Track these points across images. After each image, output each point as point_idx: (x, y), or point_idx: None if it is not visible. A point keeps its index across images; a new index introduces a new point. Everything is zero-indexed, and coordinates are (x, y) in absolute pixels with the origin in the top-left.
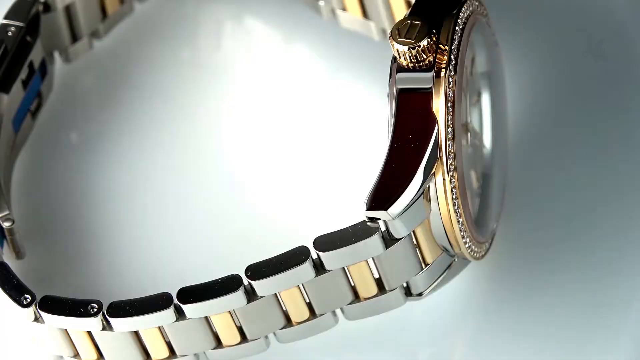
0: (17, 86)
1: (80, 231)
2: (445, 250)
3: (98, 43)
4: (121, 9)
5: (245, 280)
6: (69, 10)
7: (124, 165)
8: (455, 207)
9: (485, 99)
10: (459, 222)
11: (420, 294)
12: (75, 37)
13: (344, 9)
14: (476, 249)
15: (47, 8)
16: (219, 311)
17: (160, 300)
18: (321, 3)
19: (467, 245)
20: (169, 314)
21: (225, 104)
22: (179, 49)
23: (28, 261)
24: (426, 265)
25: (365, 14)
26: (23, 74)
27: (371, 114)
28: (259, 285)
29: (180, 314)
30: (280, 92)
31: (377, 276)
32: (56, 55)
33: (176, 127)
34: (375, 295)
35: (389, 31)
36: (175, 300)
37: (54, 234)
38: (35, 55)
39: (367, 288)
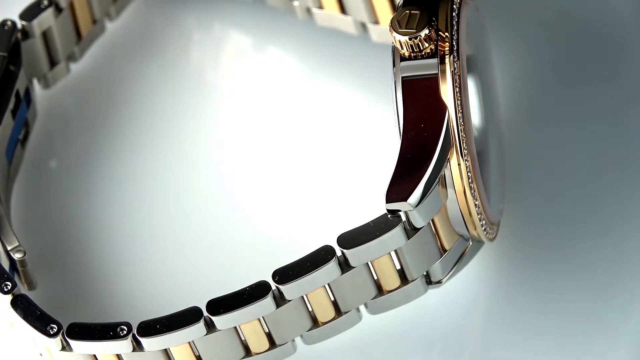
0: (7, 117)
1: (86, 256)
2: (460, 235)
3: (74, 66)
4: (94, 29)
5: (273, 285)
6: (45, 36)
7: (119, 185)
8: (472, 191)
9: (474, 79)
10: (475, 205)
11: (439, 282)
12: (53, 62)
13: (320, 6)
14: (490, 230)
15: (26, 35)
16: (249, 319)
17: (189, 315)
18: (295, 3)
19: (483, 228)
20: (199, 327)
21: (208, 114)
22: (151, 64)
23: (40, 291)
24: (445, 251)
25: (343, 9)
26: (11, 104)
27: (357, 112)
28: (288, 289)
29: (210, 327)
30: (263, 97)
31: (398, 267)
32: (34, 81)
33: (164, 140)
34: (398, 287)
35: (368, 24)
36: (205, 313)
37: (59, 261)
38: (20, 84)
39: (390, 280)
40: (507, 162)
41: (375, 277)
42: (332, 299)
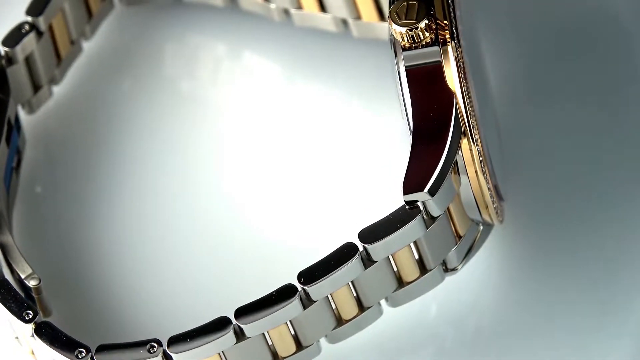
0: (2, 145)
1: (94, 277)
2: (472, 220)
3: (55, 88)
4: (72, 50)
5: (299, 287)
6: (28, 61)
7: (118, 201)
8: (485, 175)
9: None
10: (488, 188)
11: (454, 269)
12: (36, 87)
13: (299, 7)
14: (500, 212)
15: (10, 61)
16: (278, 324)
17: (218, 325)
18: (272, 5)
19: (495, 210)
20: (229, 336)
21: (196, 125)
22: (130, 80)
23: (54, 317)
24: (459, 238)
25: (322, 8)
26: (5, 132)
27: (346, 111)
28: (314, 290)
29: (239, 335)
30: (249, 104)
31: (416, 257)
32: (18, 107)
33: (158, 152)
34: (418, 278)
35: (350, 21)
36: (234, 321)
37: (69, 285)
38: (11, 111)
39: (410, 272)
40: (504, 141)
41: (395, 270)
42: (355, 295)
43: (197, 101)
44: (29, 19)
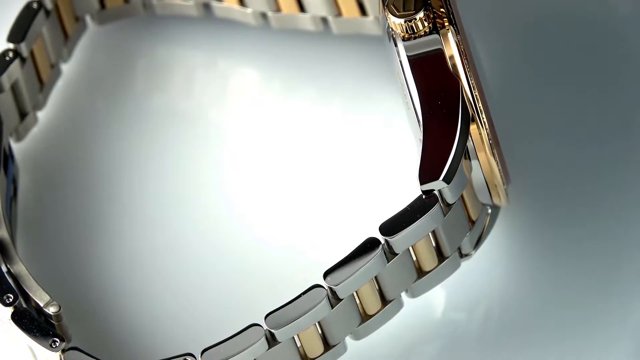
0: (1, 176)
1: (105, 300)
2: (483, 204)
3: (39, 114)
4: (52, 73)
5: (325, 286)
6: (14, 88)
7: (116, 223)
8: (495, 157)
9: None
10: (499, 170)
11: (468, 254)
12: (22, 114)
13: (277, 9)
14: (508, 193)
15: None
16: (307, 326)
17: (250, 332)
18: (248, 10)
19: (505, 192)
20: (262, 343)
21: (184, 139)
22: (111, 98)
23: (75, 342)
24: (473, 223)
25: (302, 8)
26: (2, 162)
27: (333, 112)
28: (341, 288)
29: (270, 340)
30: (233, 114)
31: (434, 246)
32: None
33: (151, 169)
34: (436, 266)
35: (330, 18)
36: (265, 327)
37: (81, 310)
38: (5, 141)
39: (428, 261)
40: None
41: (415, 260)
42: (377, 289)
43: (185, 114)
44: (11, 46)
